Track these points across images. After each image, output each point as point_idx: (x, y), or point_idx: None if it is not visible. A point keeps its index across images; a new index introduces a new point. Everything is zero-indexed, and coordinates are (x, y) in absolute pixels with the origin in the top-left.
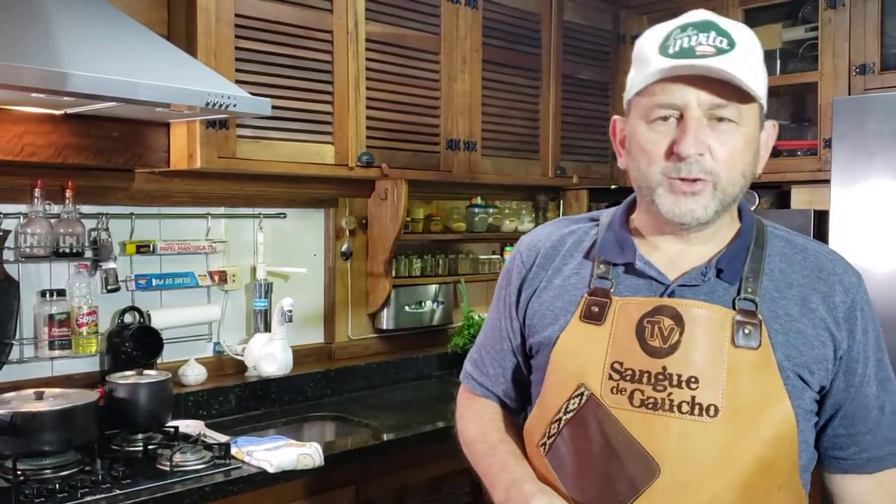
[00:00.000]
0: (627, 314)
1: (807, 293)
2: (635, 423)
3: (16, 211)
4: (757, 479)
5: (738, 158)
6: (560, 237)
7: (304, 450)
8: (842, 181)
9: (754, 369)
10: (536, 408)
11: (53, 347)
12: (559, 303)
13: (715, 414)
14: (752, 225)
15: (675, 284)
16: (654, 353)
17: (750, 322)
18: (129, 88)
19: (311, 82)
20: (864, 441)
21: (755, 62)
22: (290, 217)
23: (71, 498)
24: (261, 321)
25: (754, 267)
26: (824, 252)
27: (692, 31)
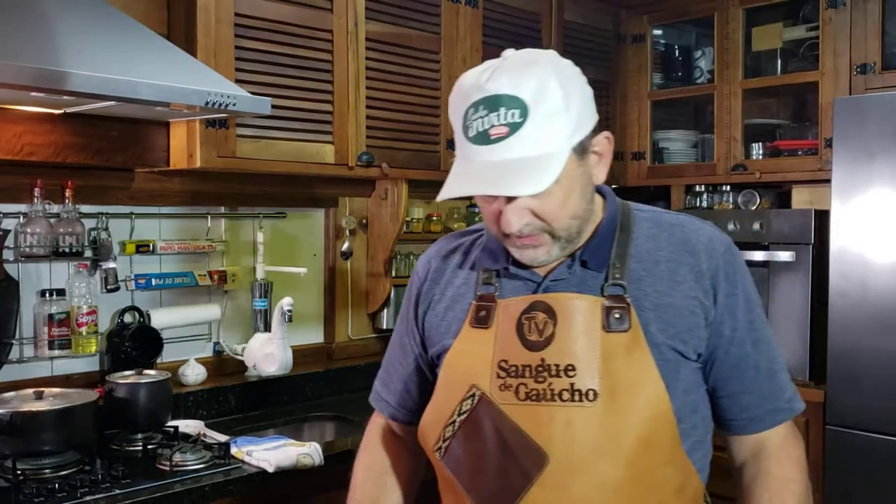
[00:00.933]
0: (508, 314)
1: (674, 267)
2: (522, 415)
3: (15, 210)
4: (640, 456)
5: (562, 210)
6: (449, 251)
7: (303, 449)
8: (842, 181)
9: (626, 351)
10: (429, 413)
11: (53, 347)
12: (451, 313)
13: (594, 398)
14: (617, 212)
15: (546, 280)
16: (532, 346)
17: (618, 306)
18: (129, 87)
19: (310, 82)
20: (743, 401)
21: (554, 113)
22: (290, 217)
23: (70, 497)
24: (260, 321)
25: (620, 252)
26: (690, 225)
27: (483, 112)
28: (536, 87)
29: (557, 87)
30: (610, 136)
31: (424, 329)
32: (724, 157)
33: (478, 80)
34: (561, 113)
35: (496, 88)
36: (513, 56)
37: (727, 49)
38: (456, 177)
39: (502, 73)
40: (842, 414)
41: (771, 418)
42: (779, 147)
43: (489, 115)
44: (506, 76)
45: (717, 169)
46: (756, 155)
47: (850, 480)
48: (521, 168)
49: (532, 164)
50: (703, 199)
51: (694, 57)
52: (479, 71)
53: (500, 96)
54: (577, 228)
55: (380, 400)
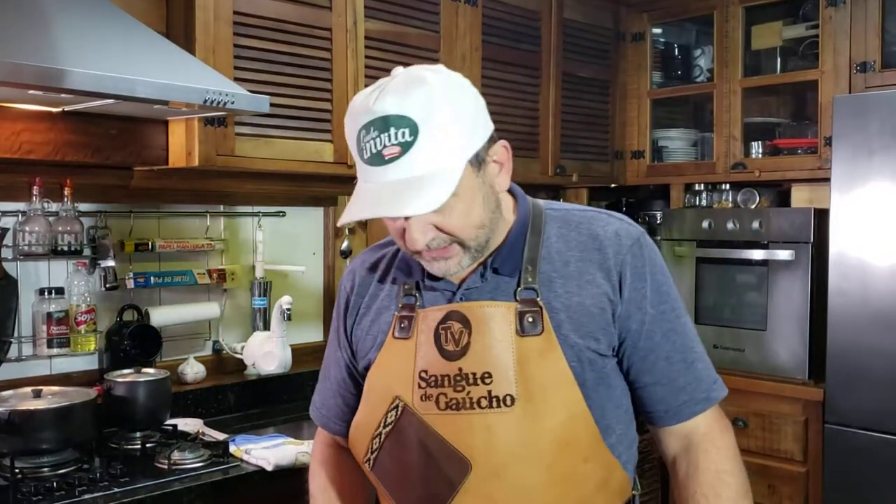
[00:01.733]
0: (427, 324)
1: (583, 266)
2: (444, 424)
3: (14, 209)
4: (559, 457)
5: (466, 221)
6: (373, 263)
7: (302, 448)
8: (842, 179)
9: (540, 354)
10: (356, 424)
11: (52, 346)
12: (376, 326)
13: (511, 403)
14: (528, 214)
15: (461, 290)
16: (449, 356)
17: (531, 310)
18: (127, 85)
19: (309, 80)
20: (657, 393)
21: (445, 128)
22: (290, 215)
23: (69, 496)
24: (260, 319)
25: (531, 255)
26: (597, 221)
27: (374, 133)
28: (424, 104)
29: (445, 102)
30: (507, 145)
31: (352, 342)
32: (723, 155)
33: (366, 102)
34: (451, 127)
35: (384, 109)
36: (401, 74)
37: (727, 47)
38: (355, 199)
39: (388, 93)
40: (841, 412)
41: (687, 409)
42: (778, 146)
43: (380, 135)
44: (392, 96)
45: (717, 167)
46: (755, 153)
47: (849, 478)
48: (416, 186)
49: (427, 181)
50: (702, 197)
51: (693, 55)
52: (368, 91)
53: (388, 117)
54: (486, 237)
55: (320, 415)
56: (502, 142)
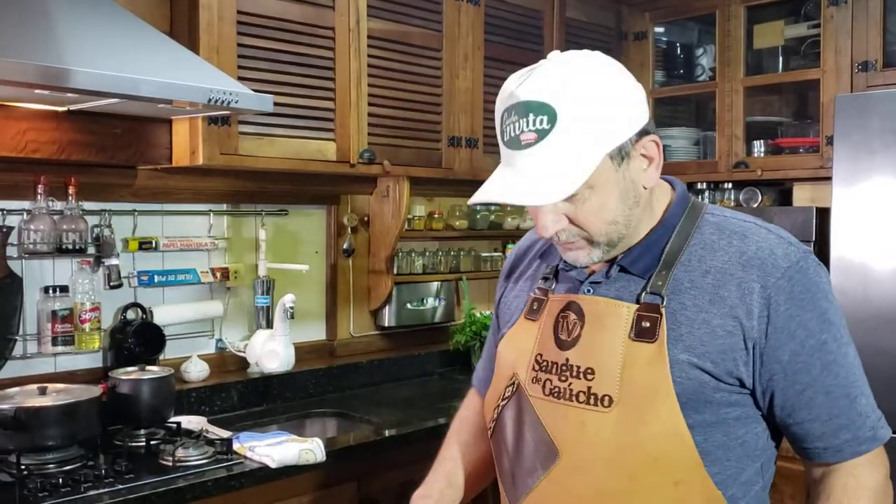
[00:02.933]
0: (551, 310)
1: (722, 280)
2: (545, 410)
3: (19, 207)
4: (646, 469)
5: (597, 216)
6: (531, 242)
7: (305, 445)
8: (844, 178)
9: (648, 363)
10: (488, 392)
11: (56, 343)
12: (516, 302)
13: (609, 405)
14: (680, 214)
15: (586, 282)
16: (561, 345)
17: (650, 316)
18: (132, 85)
19: (312, 79)
20: (814, 429)
21: (584, 120)
22: (292, 214)
23: (74, 492)
24: (263, 318)
25: (669, 259)
26: (754, 235)
27: (514, 117)
28: (565, 93)
29: (589, 92)
30: (658, 140)
31: (499, 313)
32: (725, 154)
33: (512, 85)
34: (592, 118)
35: (527, 94)
36: (552, 59)
37: (729, 46)
38: (491, 179)
39: (535, 78)
40: None
41: (850, 448)
42: (780, 144)
43: (520, 120)
44: (537, 82)
45: (719, 166)
46: (758, 152)
47: None
48: (546, 175)
49: (558, 171)
50: (704, 196)
51: (695, 54)
52: (518, 75)
53: (529, 102)
54: (618, 234)
55: (476, 378)
56: (653, 136)
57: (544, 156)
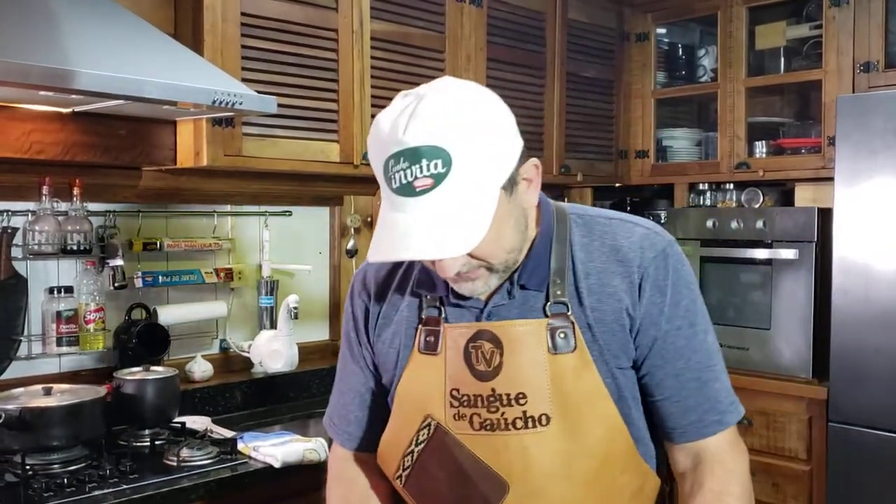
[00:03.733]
0: (455, 341)
1: (605, 279)
2: (479, 445)
3: (24, 208)
4: (598, 472)
5: (495, 247)
6: (389, 270)
7: (309, 445)
8: (846, 179)
9: (574, 372)
10: (386, 440)
11: (61, 344)
12: (398, 339)
13: (547, 423)
14: (551, 223)
15: (488, 307)
16: (481, 376)
17: (562, 326)
18: (136, 86)
19: (316, 80)
20: (665, 409)
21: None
22: (296, 215)
23: (79, 493)
24: (267, 318)
25: (559, 266)
26: (623, 230)
27: (404, 164)
28: (457, 135)
29: (480, 129)
30: (538, 164)
31: (375, 355)
32: (727, 155)
33: (394, 130)
34: (486, 155)
35: (415, 140)
36: (428, 95)
37: (730, 47)
38: (384, 232)
39: (419, 120)
40: (845, 411)
41: (695, 430)
42: (782, 145)
43: (412, 167)
44: (423, 126)
45: (721, 167)
46: (759, 153)
47: (853, 477)
48: (450, 222)
49: (461, 216)
50: (706, 197)
51: (697, 55)
52: (395, 115)
53: (419, 148)
54: (514, 259)
55: (340, 432)
56: (533, 160)
57: (443, 201)
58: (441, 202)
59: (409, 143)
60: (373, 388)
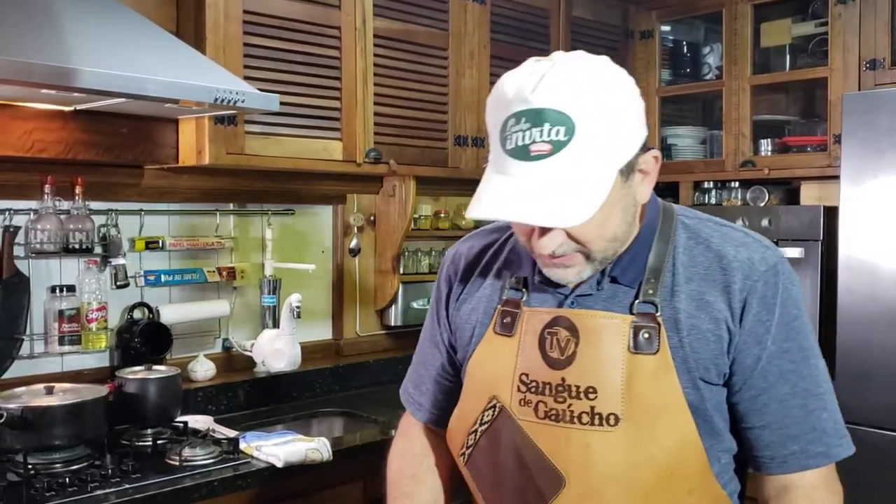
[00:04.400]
0: (532, 325)
1: (705, 287)
2: (541, 434)
3: (26, 207)
4: (661, 487)
5: (600, 233)
6: (480, 249)
7: (312, 444)
8: (852, 177)
9: (653, 375)
10: (455, 417)
11: (63, 343)
12: (476, 315)
13: (615, 423)
14: (656, 221)
15: (573, 295)
16: (553, 364)
17: (648, 326)
18: (138, 84)
19: (319, 78)
20: (764, 437)
21: (602, 132)
22: (298, 213)
23: (81, 492)
24: (269, 317)
25: (656, 265)
26: (731, 240)
27: (525, 125)
28: (586, 105)
29: (609, 105)
30: (658, 156)
31: (451, 328)
32: (732, 153)
33: (522, 89)
34: (609, 133)
35: (542, 101)
36: (562, 62)
37: (735, 45)
38: (489, 192)
39: (550, 83)
40: (851, 410)
41: (796, 461)
42: (787, 143)
43: (531, 129)
44: (553, 89)
45: (726, 165)
46: (765, 151)
47: (859, 476)
48: (561, 193)
49: (573, 190)
50: (711, 195)
51: (702, 53)
52: (524, 76)
53: (545, 111)
54: (614, 251)
55: (412, 402)
56: (654, 151)
57: (557, 171)
58: (554, 171)
59: (535, 103)
60: (447, 366)
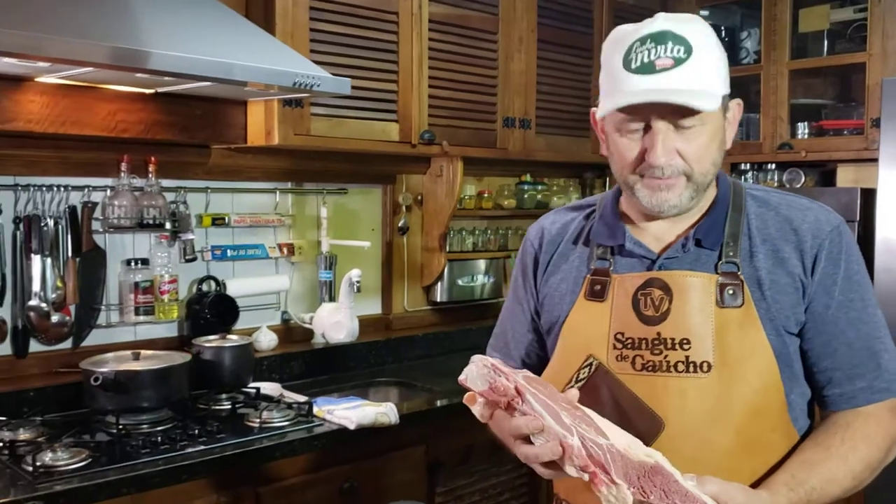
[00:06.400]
0: (624, 289)
1: (779, 245)
2: (639, 385)
3: (102, 184)
4: (750, 423)
5: (707, 152)
6: (563, 224)
7: (381, 409)
8: (890, 160)
9: (739, 326)
10: (547, 379)
11: (139, 313)
12: (565, 285)
13: (708, 370)
14: (729, 191)
15: (661, 259)
16: (648, 321)
17: (732, 283)
18: (226, 69)
19: (377, 62)
20: (834, 377)
21: (713, 59)
22: (351, 192)
23: (171, 450)
24: (326, 292)
25: (733, 231)
26: (797, 204)
27: (650, 44)
28: (700, 33)
29: (714, 41)
30: (741, 103)
31: (538, 297)
32: (770, 136)
33: (641, 25)
34: (717, 62)
35: (662, 26)
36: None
37: (774, 30)
38: (622, 96)
39: (666, 16)
40: None
41: (864, 396)
42: (824, 126)
43: (657, 47)
44: (671, 18)
45: (763, 147)
46: (802, 134)
47: None
48: (685, 94)
49: (695, 94)
50: (748, 177)
51: (740, 37)
52: (639, 23)
53: (667, 32)
54: (710, 178)
55: None
56: (738, 100)
57: (679, 80)
58: (677, 81)
59: (657, 27)
60: (531, 330)
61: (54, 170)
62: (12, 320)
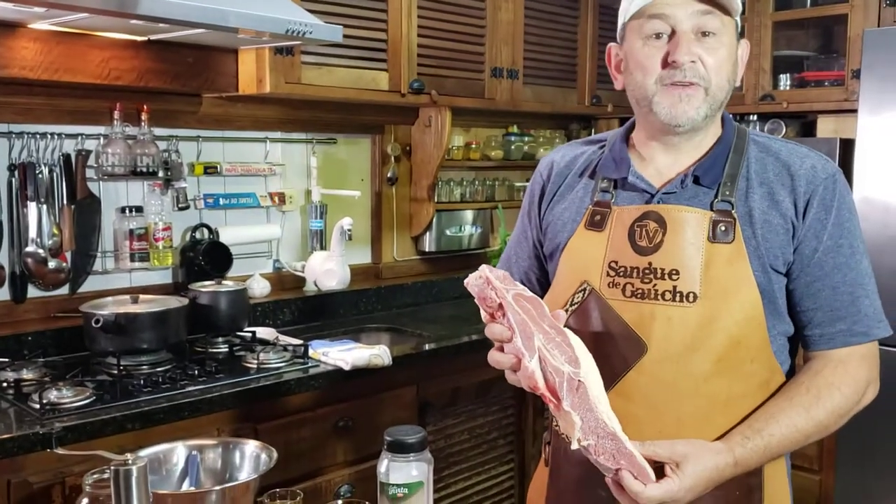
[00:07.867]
0: (622, 220)
1: (775, 188)
2: (627, 310)
3: (95, 132)
4: (729, 352)
5: (724, 66)
6: (573, 157)
7: (374, 351)
8: (869, 111)
9: (728, 261)
10: (547, 301)
11: (134, 259)
12: (568, 214)
13: (693, 300)
14: (733, 133)
15: (659, 193)
16: (641, 251)
17: (725, 220)
18: (221, 16)
19: (367, 10)
20: (816, 318)
21: None
22: (340, 142)
23: (172, 389)
24: (316, 241)
25: (732, 172)
26: (797, 153)
27: None
28: None
29: None
30: (749, 44)
31: (543, 224)
32: (752, 87)
33: None
34: None
35: None
36: None
37: None
38: None
39: None
40: None
41: (841, 338)
42: (805, 78)
43: None
44: None
45: (746, 99)
46: (783, 86)
47: None
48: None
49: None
50: None
51: None
52: None
53: None
54: (723, 99)
55: None
56: (746, 40)
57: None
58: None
59: None
60: (531, 256)
61: (47, 117)
62: (10, 266)
